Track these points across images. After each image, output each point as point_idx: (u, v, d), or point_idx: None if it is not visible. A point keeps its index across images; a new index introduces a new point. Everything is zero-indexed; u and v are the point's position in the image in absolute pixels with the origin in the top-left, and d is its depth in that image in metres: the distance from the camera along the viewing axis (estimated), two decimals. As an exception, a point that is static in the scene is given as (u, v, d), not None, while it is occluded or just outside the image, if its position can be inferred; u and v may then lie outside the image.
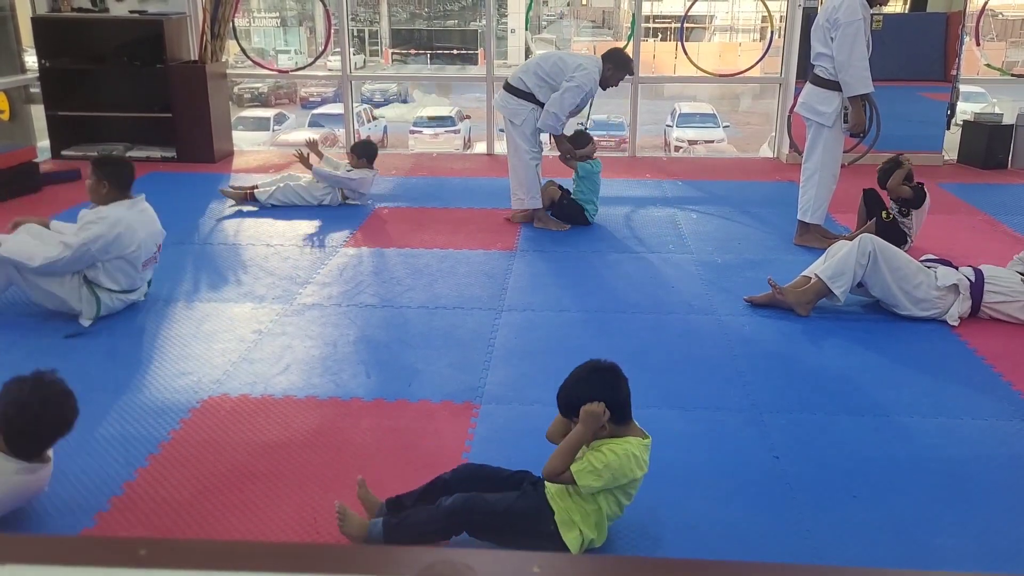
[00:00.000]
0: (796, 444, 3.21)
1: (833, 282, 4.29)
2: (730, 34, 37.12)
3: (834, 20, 5.07)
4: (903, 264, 4.31)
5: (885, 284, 4.29)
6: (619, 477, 2.46)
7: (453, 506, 2.52)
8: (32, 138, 8.15)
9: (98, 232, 4.02)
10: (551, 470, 2.48)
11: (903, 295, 4.29)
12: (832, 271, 4.31)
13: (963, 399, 3.58)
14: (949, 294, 4.28)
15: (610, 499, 2.53)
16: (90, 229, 4.02)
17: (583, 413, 2.44)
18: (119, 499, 2.83)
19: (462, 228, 5.84)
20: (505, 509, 2.54)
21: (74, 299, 4.14)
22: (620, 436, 2.50)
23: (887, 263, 4.28)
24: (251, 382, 3.65)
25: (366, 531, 2.58)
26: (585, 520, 2.53)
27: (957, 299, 4.27)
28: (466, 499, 2.54)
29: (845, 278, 4.29)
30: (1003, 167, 7.67)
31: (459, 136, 21.75)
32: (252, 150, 9.68)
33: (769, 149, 8.69)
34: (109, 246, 4.06)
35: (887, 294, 4.32)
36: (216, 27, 7.77)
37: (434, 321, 4.32)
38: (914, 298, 4.29)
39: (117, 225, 4.06)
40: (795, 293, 4.39)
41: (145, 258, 4.26)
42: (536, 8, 32.99)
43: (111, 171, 4.17)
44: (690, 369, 3.82)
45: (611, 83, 5.78)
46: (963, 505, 2.86)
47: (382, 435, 3.25)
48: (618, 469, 2.44)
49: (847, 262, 4.28)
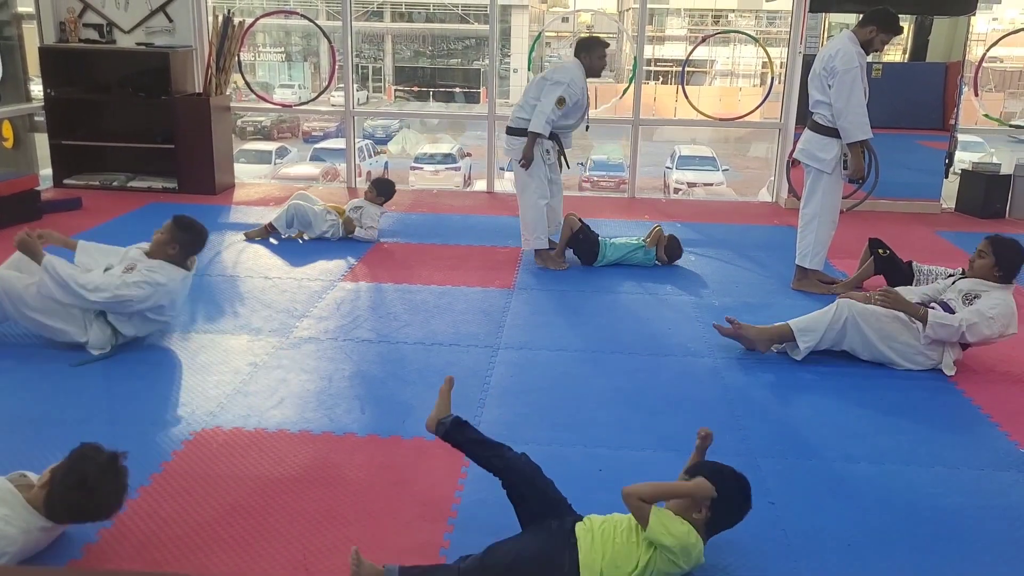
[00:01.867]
0: (792, 490, 3.19)
1: (800, 335, 4.28)
2: (731, 79, 37.52)
3: (831, 68, 5.12)
4: (886, 324, 4.25)
5: (872, 346, 4.27)
6: (679, 550, 2.47)
7: (470, 570, 2.48)
8: (35, 166, 8.19)
9: (148, 295, 4.10)
10: (636, 493, 2.50)
11: (894, 353, 4.26)
12: (804, 324, 4.30)
13: (960, 448, 3.56)
14: (936, 345, 4.26)
15: (654, 559, 2.48)
16: (144, 289, 4.08)
17: (701, 483, 2.52)
18: (108, 531, 2.79)
19: (461, 265, 5.85)
20: (530, 558, 2.49)
21: (78, 330, 4.13)
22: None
23: (869, 326, 4.24)
24: (245, 415, 3.62)
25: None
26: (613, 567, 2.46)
27: (946, 348, 4.26)
28: (482, 560, 2.49)
29: (812, 336, 4.26)
30: (1001, 216, 7.72)
31: (460, 173, 21.87)
32: (253, 183, 9.72)
33: (768, 193, 8.74)
34: (147, 304, 4.13)
35: (877, 355, 4.29)
36: (221, 60, 7.85)
37: (430, 358, 4.31)
38: (905, 354, 4.27)
39: (162, 292, 4.15)
40: (756, 329, 4.39)
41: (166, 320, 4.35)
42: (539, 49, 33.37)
43: (188, 239, 4.26)
44: (686, 412, 3.80)
45: (596, 68, 5.79)
46: (959, 555, 2.84)
47: (375, 471, 3.23)
48: (685, 546, 2.48)
49: (820, 322, 4.26)
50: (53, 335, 4.15)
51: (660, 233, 6.00)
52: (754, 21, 39.48)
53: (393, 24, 38.76)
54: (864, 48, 5.15)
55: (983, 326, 4.12)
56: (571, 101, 5.66)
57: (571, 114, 5.78)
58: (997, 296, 4.23)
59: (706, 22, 39.78)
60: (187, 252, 4.28)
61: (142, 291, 4.08)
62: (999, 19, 23.63)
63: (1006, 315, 4.17)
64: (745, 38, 34.22)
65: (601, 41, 5.84)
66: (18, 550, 2.53)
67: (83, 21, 7.85)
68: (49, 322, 4.09)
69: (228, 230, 6.61)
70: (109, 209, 7.00)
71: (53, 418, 3.53)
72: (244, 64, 8.49)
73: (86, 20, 7.86)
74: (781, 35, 28.05)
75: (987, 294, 4.25)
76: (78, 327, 4.12)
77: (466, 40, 38.07)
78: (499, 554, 2.51)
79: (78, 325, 4.12)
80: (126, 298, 4.06)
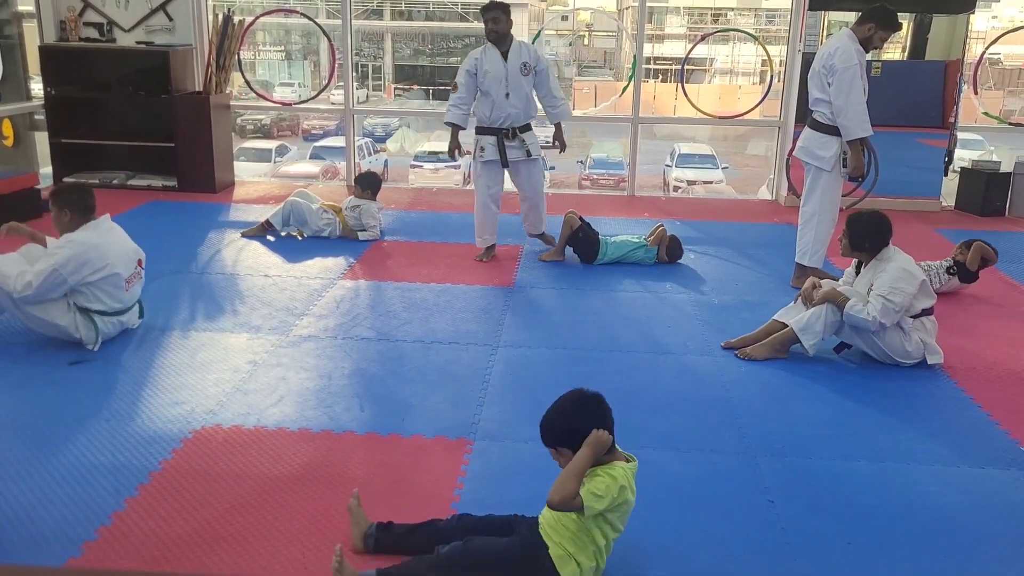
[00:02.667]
0: (791, 488, 3.19)
1: (803, 333, 4.28)
2: (730, 77, 37.50)
3: (830, 66, 5.12)
4: None
5: (867, 339, 4.28)
6: (617, 499, 2.46)
7: (451, 554, 2.53)
8: (35, 164, 8.19)
9: (67, 255, 4.05)
10: (564, 495, 2.45)
11: (883, 345, 4.27)
12: (804, 323, 4.29)
13: (959, 446, 3.56)
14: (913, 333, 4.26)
15: (605, 528, 2.52)
16: (57, 254, 4.05)
17: (593, 439, 2.46)
18: (107, 529, 2.79)
19: (460, 263, 5.85)
20: (503, 551, 2.55)
21: (71, 327, 4.14)
22: (606, 463, 2.51)
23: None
24: (244, 413, 3.63)
25: None
26: (581, 551, 2.51)
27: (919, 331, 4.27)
28: (464, 547, 2.54)
29: (815, 331, 4.27)
30: (1000, 214, 7.72)
31: (459, 171, 21.85)
32: (253, 181, 9.72)
33: (768, 191, 8.74)
34: (80, 268, 4.08)
35: (873, 347, 4.30)
36: (221, 59, 7.85)
37: (430, 356, 4.31)
38: (892, 347, 4.26)
39: (83, 246, 4.09)
40: (766, 347, 4.36)
41: (126, 275, 4.28)
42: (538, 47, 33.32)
43: (70, 199, 4.22)
44: (685, 410, 3.80)
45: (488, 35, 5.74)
46: (958, 554, 2.84)
47: (374, 469, 3.23)
48: (617, 486, 2.46)
49: (817, 317, 4.27)
50: (48, 331, 4.16)
51: (663, 232, 6.00)
52: (753, 19, 39.46)
53: (393, 22, 38.75)
54: (863, 45, 5.14)
55: (892, 306, 4.13)
56: (462, 79, 5.74)
57: (484, 94, 5.77)
58: (878, 270, 4.24)
59: (705, 20, 39.78)
60: (80, 210, 4.21)
61: (66, 250, 4.03)
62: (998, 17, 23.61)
63: (902, 278, 4.17)
64: (744, 36, 34.20)
65: (486, 5, 5.72)
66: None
67: (83, 20, 7.84)
68: (43, 315, 4.10)
69: (228, 228, 6.61)
70: (109, 207, 6.90)
71: (52, 416, 3.53)
72: (244, 62, 8.49)
73: (86, 19, 7.85)
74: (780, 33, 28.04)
75: (877, 276, 4.24)
76: (71, 321, 4.13)
77: (466, 39, 38.02)
78: (484, 544, 2.55)
79: (71, 319, 4.13)
80: (62, 260, 4.02)
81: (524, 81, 5.74)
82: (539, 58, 5.85)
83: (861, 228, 4.33)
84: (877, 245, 4.31)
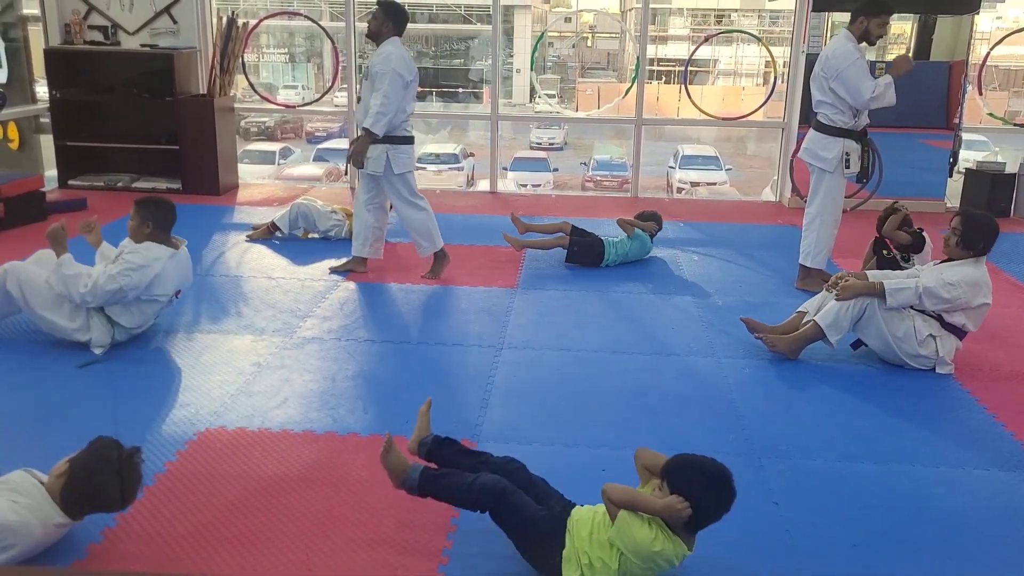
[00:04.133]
0: (795, 491, 3.18)
1: (831, 329, 4.27)
2: (734, 78, 37.48)
3: (830, 69, 5.12)
4: (895, 315, 4.25)
5: (883, 336, 4.26)
6: (636, 558, 2.42)
7: (485, 487, 2.59)
8: (40, 167, 8.20)
9: (136, 281, 4.10)
10: (612, 495, 2.48)
11: (897, 347, 4.25)
12: (830, 319, 4.28)
13: (964, 448, 3.55)
14: (931, 341, 4.25)
15: (614, 558, 2.47)
16: (130, 276, 4.08)
17: (670, 504, 2.39)
18: (112, 531, 2.80)
19: (464, 264, 5.85)
20: (528, 518, 2.58)
21: (81, 330, 4.15)
22: (677, 534, 2.45)
23: (883, 315, 4.24)
24: (249, 415, 3.63)
25: (405, 471, 2.71)
26: (596, 561, 2.48)
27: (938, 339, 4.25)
28: (503, 487, 2.59)
29: (841, 326, 4.26)
30: (1005, 215, 7.70)
31: (462, 173, 21.86)
32: (257, 183, 9.71)
33: (771, 193, 8.73)
34: (140, 292, 4.14)
35: (885, 345, 4.28)
36: (225, 62, 7.86)
37: (433, 357, 4.31)
38: (905, 350, 4.25)
39: (149, 272, 4.14)
40: (787, 342, 4.35)
41: (165, 302, 4.33)
42: (541, 49, 33.36)
43: (155, 214, 4.23)
44: (689, 412, 3.80)
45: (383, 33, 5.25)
46: (963, 556, 2.83)
47: (378, 471, 3.21)
48: (645, 554, 2.41)
49: (845, 311, 4.25)
50: (55, 331, 4.17)
51: (624, 221, 6.04)
52: (757, 20, 39.40)
53: (396, 24, 38.76)
54: (864, 40, 5.16)
55: (941, 290, 4.12)
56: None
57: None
58: (963, 265, 4.22)
59: (709, 22, 39.75)
60: (162, 226, 4.24)
61: (128, 279, 4.07)
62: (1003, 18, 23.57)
63: (968, 282, 4.15)
64: (748, 37, 34.21)
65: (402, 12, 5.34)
66: (34, 543, 2.56)
67: (88, 23, 7.85)
68: (54, 318, 4.12)
69: (232, 230, 6.63)
70: (114, 210, 6.99)
71: (57, 418, 3.54)
72: (248, 65, 8.50)
73: (91, 22, 7.87)
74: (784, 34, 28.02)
75: (955, 264, 4.24)
76: (81, 324, 4.14)
77: (468, 41, 38.05)
78: (519, 503, 2.58)
79: (81, 322, 4.14)
80: (131, 284, 4.07)
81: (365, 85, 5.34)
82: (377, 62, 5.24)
83: (982, 228, 4.25)
84: (989, 247, 4.28)
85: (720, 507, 2.44)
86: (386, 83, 5.10)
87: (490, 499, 2.59)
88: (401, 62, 5.18)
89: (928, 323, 4.23)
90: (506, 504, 2.58)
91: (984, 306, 4.22)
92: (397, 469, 2.74)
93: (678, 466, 2.46)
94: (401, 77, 5.16)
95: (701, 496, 2.39)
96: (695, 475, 2.43)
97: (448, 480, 2.67)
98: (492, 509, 2.61)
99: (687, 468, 2.45)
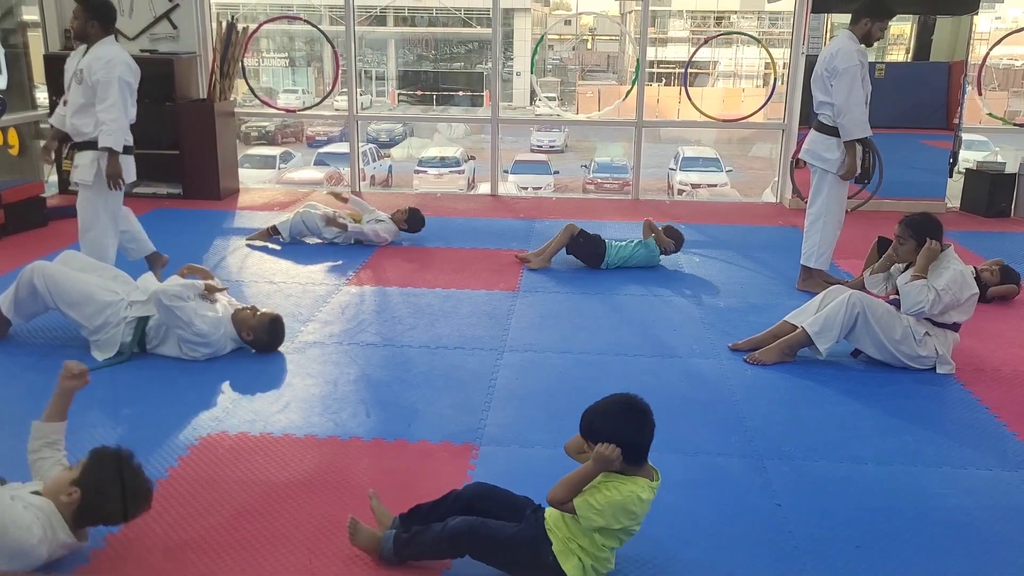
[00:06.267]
0: (798, 492, 3.18)
1: (819, 336, 4.26)
2: (734, 80, 37.48)
3: (832, 68, 5.13)
4: (890, 319, 4.26)
5: (879, 343, 4.25)
6: (620, 516, 2.45)
7: (455, 530, 2.56)
8: (40, 173, 8.20)
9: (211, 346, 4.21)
10: (555, 498, 2.49)
11: (895, 350, 4.25)
12: (819, 326, 4.27)
13: (967, 448, 3.55)
14: (928, 339, 4.24)
15: (608, 535, 2.51)
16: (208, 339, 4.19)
17: (596, 454, 2.43)
18: (115, 537, 2.79)
19: (465, 268, 5.85)
20: (506, 539, 2.56)
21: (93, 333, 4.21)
22: (629, 475, 2.48)
23: (877, 322, 4.23)
24: (250, 420, 3.63)
25: (378, 544, 2.66)
26: (588, 546, 2.51)
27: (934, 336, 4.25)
28: (469, 524, 2.57)
29: (830, 335, 4.24)
30: (1006, 215, 7.70)
31: (463, 176, 21.88)
32: (258, 188, 9.73)
33: (772, 194, 8.73)
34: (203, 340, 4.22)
35: (883, 350, 4.27)
36: (225, 66, 7.87)
37: (435, 361, 4.31)
38: (904, 352, 4.24)
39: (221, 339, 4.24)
40: (775, 351, 4.34)
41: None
42: (541, 52, 33.39)
43: (268, 342, 4.33)
44: (691, 414, 3.79)
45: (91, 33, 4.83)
46: (967, 556, 2.83)
47: (380, 475, 3.23)
48: (620, 508, 2.44)
49: (834, 319, 4.24)
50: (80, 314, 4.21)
51: (651, 223, 6.00)
52: (756, 22, 39.43)
53: (396, 28, 38.78)
54: (865, 41, 5.17)
55: (940, 302, 4.13)
56: None
57: None
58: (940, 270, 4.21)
59: (708, 24, 39.74)
60: (261, 347, 4.35)
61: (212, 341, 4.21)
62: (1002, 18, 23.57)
63: (956, 281, 4.16)
64: (748, 39, 34.21)
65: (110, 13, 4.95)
66: (40, 565, 2.55)
67: (87, 28, 7.85)
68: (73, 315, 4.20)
69: (233, 235, 6.63)
70: (114, 215, 7.00)
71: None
72: (248, 69, 8.51)
73: (90, 27, 7.86)
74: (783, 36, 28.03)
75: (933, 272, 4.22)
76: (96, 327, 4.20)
77: (468, 44, 38.08)
78: (494, 529, 2.57)
79: (97, 326, 4.20)
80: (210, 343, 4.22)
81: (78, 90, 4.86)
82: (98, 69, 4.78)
83: (931, 226, 4.33)
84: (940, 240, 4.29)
85: (642, 430, 2.49)
86: (114, 92, 4.77)
87: (465, 539, 2.57)
88: (126, 68, 4.85)
89: (922, 321, 4.24)
90: (482, 536, 2.56)
91: (973, 296, 4.23)
92: (370, 545, 2.68)
93: (587, 419, 2.52)
94: (129, 85, 4.88)
95: (618, 431, 2.44)
96: (602, 419, 2.48)
97: (420, 538, 2.62)
98: (471, 547, 2.58)
99: (594, 416, 2.50)
